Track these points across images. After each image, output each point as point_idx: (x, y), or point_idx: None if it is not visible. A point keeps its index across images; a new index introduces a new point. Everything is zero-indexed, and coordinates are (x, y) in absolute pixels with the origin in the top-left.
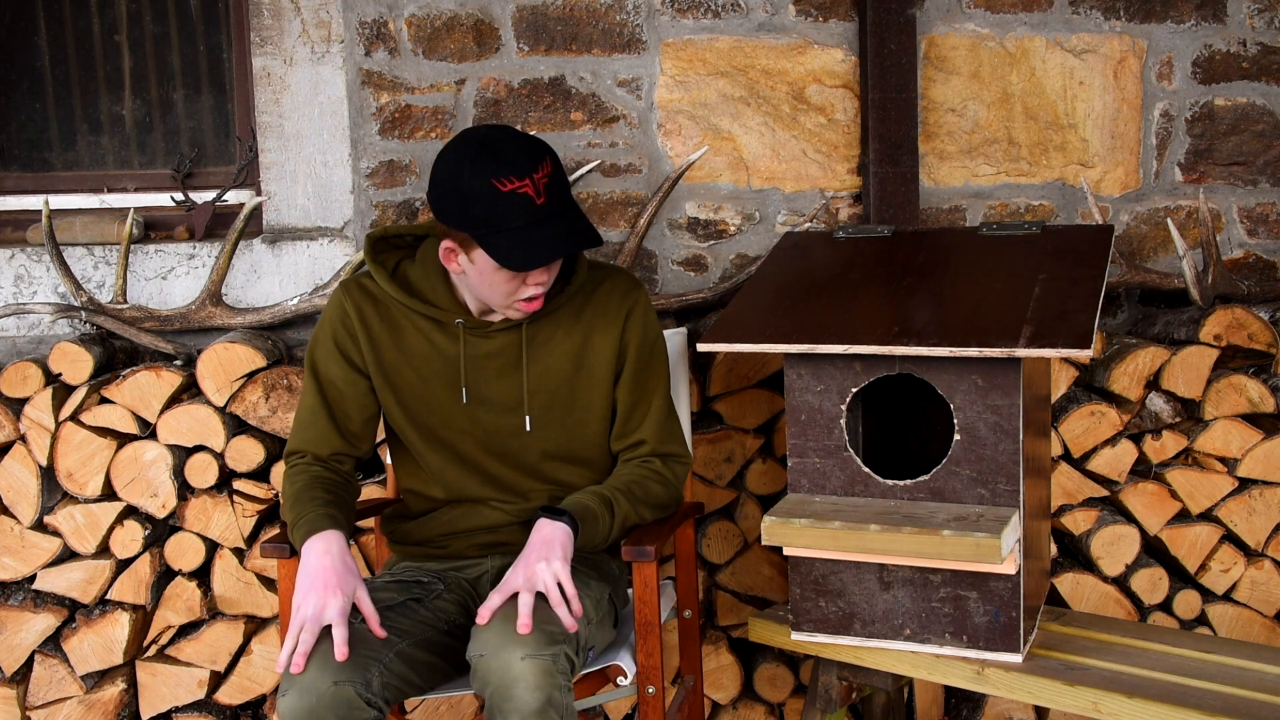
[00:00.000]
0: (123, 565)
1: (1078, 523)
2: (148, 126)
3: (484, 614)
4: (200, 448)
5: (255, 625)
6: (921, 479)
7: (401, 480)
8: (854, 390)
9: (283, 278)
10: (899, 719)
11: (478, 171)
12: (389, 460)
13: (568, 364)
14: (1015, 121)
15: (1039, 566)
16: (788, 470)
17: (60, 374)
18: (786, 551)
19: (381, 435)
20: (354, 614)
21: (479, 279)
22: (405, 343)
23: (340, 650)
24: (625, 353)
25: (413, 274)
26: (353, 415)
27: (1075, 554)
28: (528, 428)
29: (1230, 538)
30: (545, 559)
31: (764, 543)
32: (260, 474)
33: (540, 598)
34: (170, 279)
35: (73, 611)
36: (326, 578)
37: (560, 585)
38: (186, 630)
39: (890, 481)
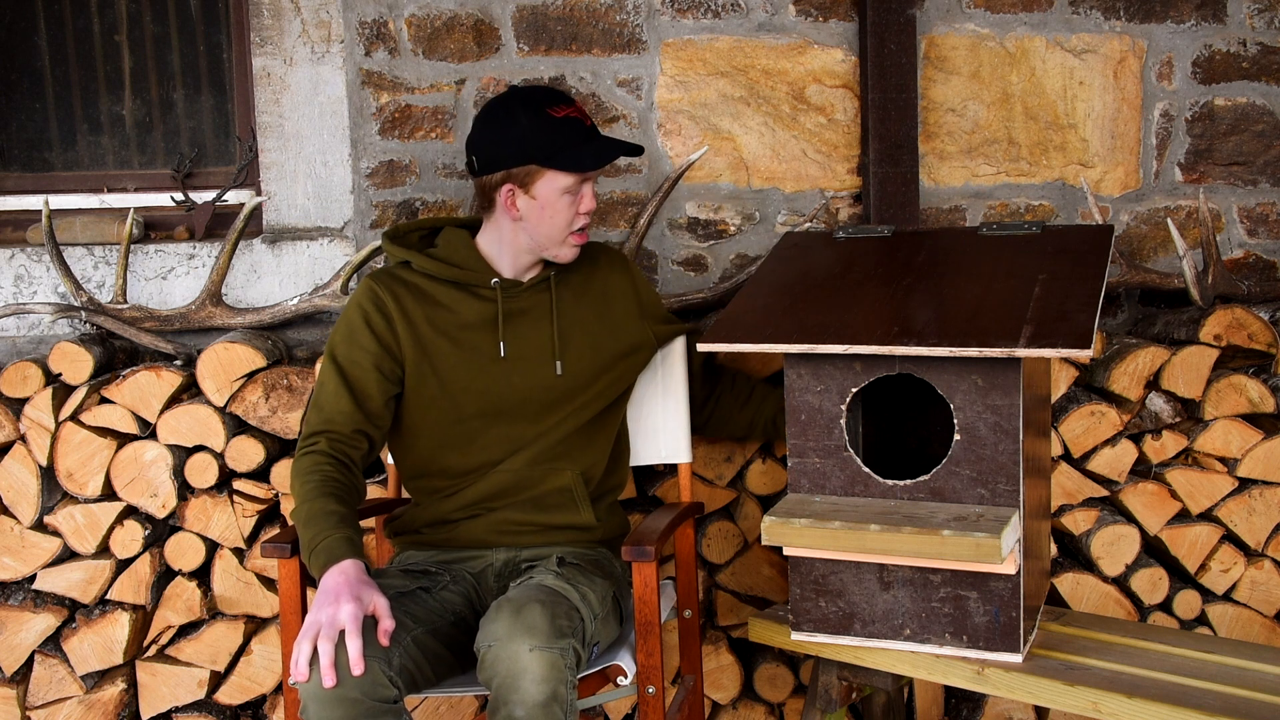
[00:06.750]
0: (123, 565)
1: (1078, 523)
2: (148, 126)
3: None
4: (200, 448)
5: (255, 625)
6: (921, 479)
7: (407, 470)
8: (854, 390)
9: (283, 278)
10: (899, 719)
11: (530, 108)
12: (390, 460)
13: (592, 312)
14: (1015, 121)
15: (1039, 566)
16: (788, 470)
17: (60, 374)
18: (786, 551)
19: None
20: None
21: (540, 214)
22: (441, 317)
23: (355, 661)
24: (638, 291)
25: (437, 253)
26: (374, 395)
27: (1075, 554)
28: (559, 372)
29: (1230, 538)
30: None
31: (764, 543)
32: (260, 474)
33: (544, 597)
34: (170, 279)
35: (73, 611)
36: (339, 590)
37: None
38: (186, 630)
39: (890, 481)
